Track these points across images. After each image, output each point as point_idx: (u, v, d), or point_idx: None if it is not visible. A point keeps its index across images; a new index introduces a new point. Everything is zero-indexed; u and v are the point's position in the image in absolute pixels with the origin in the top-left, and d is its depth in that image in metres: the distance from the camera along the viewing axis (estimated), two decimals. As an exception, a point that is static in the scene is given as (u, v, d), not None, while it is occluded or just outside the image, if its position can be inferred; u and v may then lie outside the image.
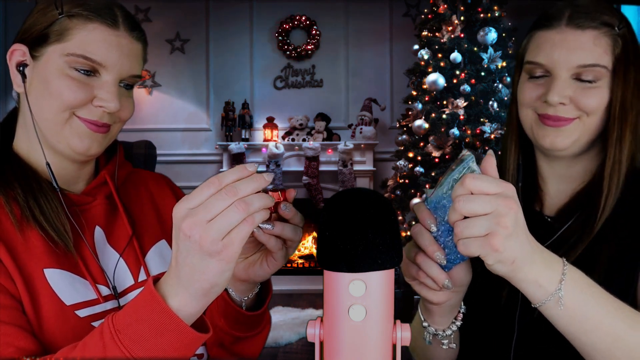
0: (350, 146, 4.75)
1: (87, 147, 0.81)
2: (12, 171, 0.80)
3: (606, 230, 0.83)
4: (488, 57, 3.85)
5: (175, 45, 5.10)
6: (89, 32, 0.79)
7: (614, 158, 0.83)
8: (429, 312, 0.77)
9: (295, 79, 5.15)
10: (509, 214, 0.59)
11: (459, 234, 0.61)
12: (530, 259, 0.62)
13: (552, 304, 0.65)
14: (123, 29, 0.81)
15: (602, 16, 0.83)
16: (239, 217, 0.56)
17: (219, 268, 0.57)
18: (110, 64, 0.79)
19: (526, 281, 0.64)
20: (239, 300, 0.79)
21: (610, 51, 0.82)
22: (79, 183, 0.88)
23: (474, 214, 0.59)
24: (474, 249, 0.60)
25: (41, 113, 0.80)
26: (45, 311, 0.75)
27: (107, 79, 0.80)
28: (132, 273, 0.87)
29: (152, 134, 4.69)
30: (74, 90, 0.78)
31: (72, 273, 0.79)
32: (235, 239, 0.56)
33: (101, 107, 0.80)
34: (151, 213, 0.95)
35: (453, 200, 0.61)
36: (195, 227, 0.56)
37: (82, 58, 0.78)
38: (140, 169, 1.03)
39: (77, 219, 0.83)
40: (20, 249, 0.76)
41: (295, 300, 4.52)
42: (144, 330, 0.60)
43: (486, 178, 0.60)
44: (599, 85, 0.82)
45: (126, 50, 0.81)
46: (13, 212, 0.77)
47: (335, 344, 0.55)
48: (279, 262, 0.72)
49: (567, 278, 0.64)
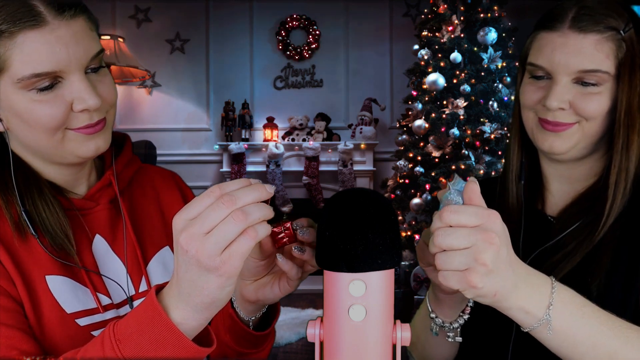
0: (350, 146, 4.75)
1: (94, 148, 0.78)
2: (12, 175, 0.77)
3: (609, 236, 0.81)
4: (488, 57, 3.85)
5: (175, 45, 5.10)
6: (22, 46, 0.68)
7: (620, 165, 0.82)
8: (439, 302, 0.76)
9: (295, 79, 5.15)
10: (488, 249, 0.57)
11: (438, 266, 0.59)
12: (514, 288, 0.61)
13: (541, 328, 0.63)
14: (52, 19, 0.69)
15: (607, 19, 0.80)
16: (237, 229, 0.52)
17: (219, 283, 0.54)
18: (64, 64, 0.71)
19: (512, 309, 0.62)
20: (247, 320, 0.77)
21: (613, 56, 0.80)
22: (81, 185, 0.85)
23: (452, 249, 0.57)
24: (452, 283, 0.59)
25: (34, 142, 0.76)
26: (46, 318, 0.74)
27: (72, 79, 0.72)
28: (133, 283, 0.85)
29: (152, 134, 4.69)
30: (48, 112, 0.71)
31: (73, 280, 0.78)
32: (235, 254, 0.53)
33: (84, 109, 0.74)
34: (156, 217, 0.92)
35: (432, 234, 0.59)
36: (192, 240, 0.53)
37: (34, 78, 0.69)
38: (149, 165, 0.99)
39: (78, 224, 0.81)
40: (23, 254, 0.75)
41: (295, 300, 4.51)
42: (144, 342, 0.58)
43: (465, 210, 0.58)
44: (600, 91, 0.81)
45: (69, 39, 0.70)
46: (12, 217, 0.75)
47: (335, 344, 0.55)
48: (292, 287, 0.69)
49: (556, 301, 0.63)
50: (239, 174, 4.82)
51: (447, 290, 0.71)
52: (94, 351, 0.61)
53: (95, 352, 0.60)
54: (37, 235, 0.75)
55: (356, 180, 4.85)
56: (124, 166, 0.89)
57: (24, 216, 0.75)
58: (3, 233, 0.75)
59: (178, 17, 5.08)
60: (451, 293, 0.72)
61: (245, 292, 0.72)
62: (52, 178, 0.81)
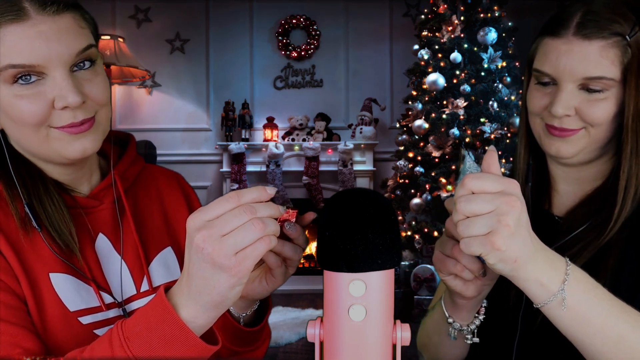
0: (350, 146, 4.75)
1: (81, 150, 0.75)
2: (17, 172, 0.76)
3: (617, 237, 0.81)
4: (488, 57, 3.85)
5: (175, 45, 5.10)
6: (2, 39, 0.68)
7: (629, 171, 0.81)
8: (456, 307, 0.77)
9: (295, 79, 5.15)
10: (511, 212, 0.58)
11: (461, 233, 0.60)
12: (533, 258, 0.62)
13: (554, 304, 0.64)
14: (35, 14, 0.69)
15: (612, 25, 0.79)
16: (255, 235, 0.56)
17: (230, 283, 0.57)
18: (44, 60, 0.69)
19: (528, 280, 0.63)
20: (237, 316, 0.78)
21: (618, 62, 0.79)
22: (83, 184, 0.85)
23: (476, 214, 0.59)
24: (475, 248, 0.60)
25: (22, 139, 0.76)
26: (49, 316, 0.74)
27: (54, 76, 0.71)
28: (134, 282, 0.85)
29: (152, 134, 4.69)
30: (28, 107, 0.71)
31: (76, 279, 0.78)
32: (250, 256, 0.56)
33: (65, 107, 0.72)
34: (159, 217, 0.92)
35: (455, 201, 0.61)
36: (209, 239, 0.55)
37: (11, 68, 0.69)
38: (153, 165, 0.99)
39: (82, 223, 0.82)
40: (27, 251, 0.75)
41: (295, 300, 4.51)
42: (154, 340, 0.59)
43: (487, 176, 0.60)
44: (605, 97, 0.80)
45: (51, 35, 0.70)
46: (19, 214, 0.75)
47: (335, 344, 0.55)
48: (278, 280, 0.71)
49: (571, 278, 0.64)
50: (238, 174, 4.82)
51: (469, 295, 0.72)
52: (102, 350, 0.61)
53: (103, 351, 0.61)
54: (40, 229, 0.75)
55: (356, 180, 4.85)
56: (128, 166, 0.89)
57: (27, 210, 0.75)
58: (9, 230, 0.75)
59: (178, 17, 5.08)
60: (472, 298, 0.73)
61: None
62: (54, 175, 0.81)
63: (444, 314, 0.79)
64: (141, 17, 5.04)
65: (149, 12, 5.05)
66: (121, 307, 0.82)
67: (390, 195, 4.11)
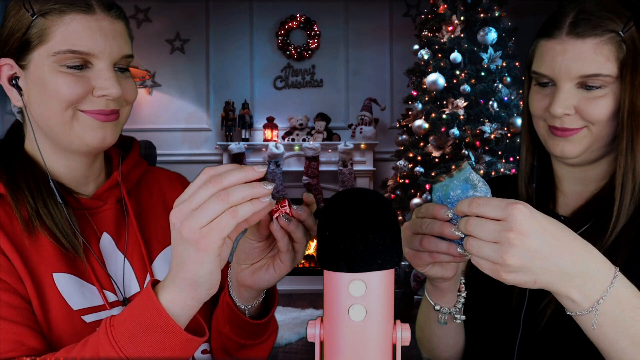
0: (350, 146, 4.75)
1: (101, 137, 0.79)
2: (22, 174, 0.79)
3: (624, 238, 0.81)
4: (488, 57, 3.85)
5: (175, 45, 5.10)
6: (67, 24, 0.76)
7: (625, 167, 0.81)
8: (439, 292, 0.78)
9: (295, 79, 5.15)
10: (509, 251, 0.58)
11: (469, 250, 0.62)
12: (562, 276, 0.60)
13: (585, 318, 0.62)
14: (100, 12, 0.78)
15: (605, 22, 0.80)
16: (220, 207, 0.55)
17: (199, 258, 0.57)
18: (99, 50, 0.77)
19: (559, 295, 0.63)
20: (243, 308, 0.79)
21: (613, 58, 0.79)
22: (89, 184, 0.87)
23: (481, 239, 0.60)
24: (485, 270, 0.61)
25: (46, 119, 0.78)
26: (53, 315, 0.75)
27: (101, 67, 0.78)
28: (138, 280, 0.86)
29: (152, 134, 4.70)
30: (71, 85, 0.76)
31: (80, 278, 0.79)
32: (214, 229, 0.56)
33: (104, 95, 0.78)
34: (162, 216, 0.94)
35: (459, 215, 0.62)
36: (179, 215, 0.57)
37: (69, 53, 0.75)
38: (156, 167, 1.01)
39: (86, 223, 0.83)
40: (31, 252, 0.76)
41: (295, 300, 4.51)
42: (135, 327, 0.60)
43: (489, 202, 0.60)
44: (604, 94, 0.80)
45: (109, 32, 0.78)
46: (22, 215, 0.77)
47: (335, 344, 0.55)
48: (285, 265, 0.72)
49: (610, 297, 0.61)
50: (239, 174, 4.82)
51: (449, 276, 0.74)
52: (92, 342, 0.64)
53: (92, 342, 0.63)
54: (44, 231, 0.77)
55: (356, 180, 4.85)
56: (131, 168, 0.91)
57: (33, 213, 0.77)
58: (12, 232, 0.76)
59: (178, 17, 5.08)
60: (451, 278, 0.75)
61: (241, 277, 0.74)
62: (61, 175, 0.83)
63: (429, 303, 0.80)
64: (141, 17, 5.04)
65: (149, 12, 5.05)
66: (124, 304, 0.83)
67: (390, 195, 4.10)
